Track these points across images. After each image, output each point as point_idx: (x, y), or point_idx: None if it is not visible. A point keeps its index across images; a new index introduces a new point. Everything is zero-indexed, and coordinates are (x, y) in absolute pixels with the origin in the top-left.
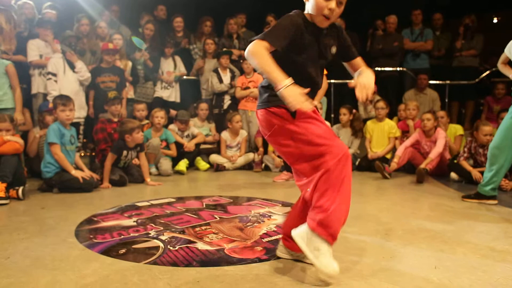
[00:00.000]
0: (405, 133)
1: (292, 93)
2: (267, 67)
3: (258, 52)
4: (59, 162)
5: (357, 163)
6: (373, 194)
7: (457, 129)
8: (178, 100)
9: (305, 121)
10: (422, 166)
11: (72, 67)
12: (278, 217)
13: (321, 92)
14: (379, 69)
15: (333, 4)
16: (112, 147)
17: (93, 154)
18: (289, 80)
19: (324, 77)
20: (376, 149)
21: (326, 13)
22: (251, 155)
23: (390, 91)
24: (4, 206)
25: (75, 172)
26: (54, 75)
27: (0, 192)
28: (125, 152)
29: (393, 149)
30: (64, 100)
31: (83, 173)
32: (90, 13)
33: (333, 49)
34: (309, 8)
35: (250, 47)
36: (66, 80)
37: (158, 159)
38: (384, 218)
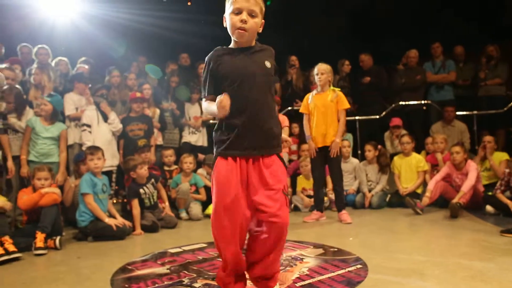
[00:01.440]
0: (435, 167)
1: (217, 105)
2: (209, 110)
3: (204, 108)
4: (93, 211)
5: (387, 199)
6: (405, 231)
7: (502, 154)
8: (205, 144)
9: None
10: (455, 200)
11: (105, 118)
12: (311, 259)
13: (341, 127)
14: (403, 103)
15: (244, 16)
16: (127, 195)
17: (125, 200)
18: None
19: (343, 112)
20: (406, 184)
21: (239, 26)
22: None
23: (416, 125)
24: (43, 256)
25: (108, 220)
26: (89, 126)
27: (39, 243)
28: (141, 190)
29: (424, 184)
30: (92, 149)
31: (116, 221)
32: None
33: (267, 64)
34: (228, 28)
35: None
36: (99, 130)
37: (188, 204)
38: (419, 257)
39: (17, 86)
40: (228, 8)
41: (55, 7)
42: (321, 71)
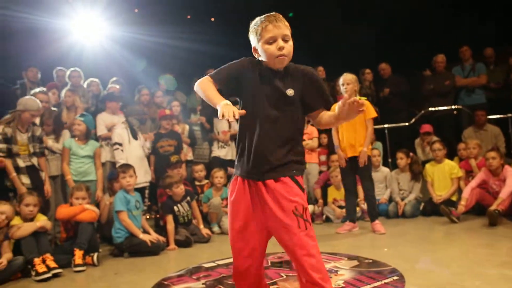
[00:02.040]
0: (470, 173)
1: (224, 108)
2: (210, 93)
3: (202, 84)
4: (127, 228)
5: (421, 207)
6: (442, 240)
7: None
8: (235, 158)
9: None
10: (493, 207)
11: (135, 136)
12: (345, 272)
13: (369, 137)
14: (432, 109)
15: (280, 43)
16: (162, 210)
17: (158, 216)
18: (226, 101)
19: (371, 121)
20: (439, 192)
21: (278, 54)
22: (311, 207)
23: (447, 131)
24: (82, 272)
25: (143, 236)
26: (121, 144)
27: (78, 259)
28: (176, 208)
29: (459, 190)
30: (124, 167)
31: (151, 237)
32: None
33: (289, 91)
34: (263, 58)
35: (197, 81)
36: (131, 148)
37: (220, 218)
38: (458, 268)
39: (54, 109)
40: (258, 38)
41: (84, 31)
42: (347, 81)
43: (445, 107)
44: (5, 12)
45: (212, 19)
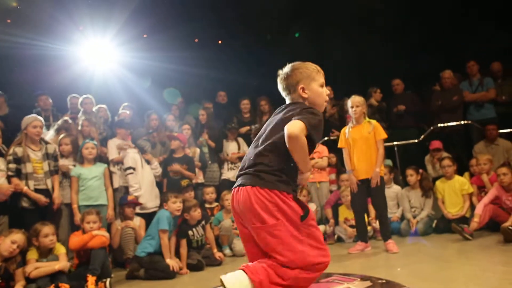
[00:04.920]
0: (482, 188)
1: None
2: (307, 159)
3: (304, 145)
4: (163, 248)
5: (433, 225)
6: (456, 258)
7: None
8: None
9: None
10: (508, 223)
11: (148, 160)
12: None
13: (380, 157)
14: (442, 125)
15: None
16: (177, 234)
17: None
18: None
19: (381, 142)
20: (450, 209)
21: (327, 99)
22: (322, 228)
23: (457, 146)
24: None
25: (169, 261)
26: (134, 169)
27: (91, 286)
28: (190, 232)
29: (472, 206)
30: (175, 193)
31: (176, 263)
32: (159, 108)
33: None
34: (312, 99)
35: (298, 139)
36: (144, 172)
37: (231, 240)
38: (475, 286)
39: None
40: (312, 78)
41: (95, 57)
42: (355, 103)
43: (454, 123)
44: (18, 40)
45: (220, 42)
